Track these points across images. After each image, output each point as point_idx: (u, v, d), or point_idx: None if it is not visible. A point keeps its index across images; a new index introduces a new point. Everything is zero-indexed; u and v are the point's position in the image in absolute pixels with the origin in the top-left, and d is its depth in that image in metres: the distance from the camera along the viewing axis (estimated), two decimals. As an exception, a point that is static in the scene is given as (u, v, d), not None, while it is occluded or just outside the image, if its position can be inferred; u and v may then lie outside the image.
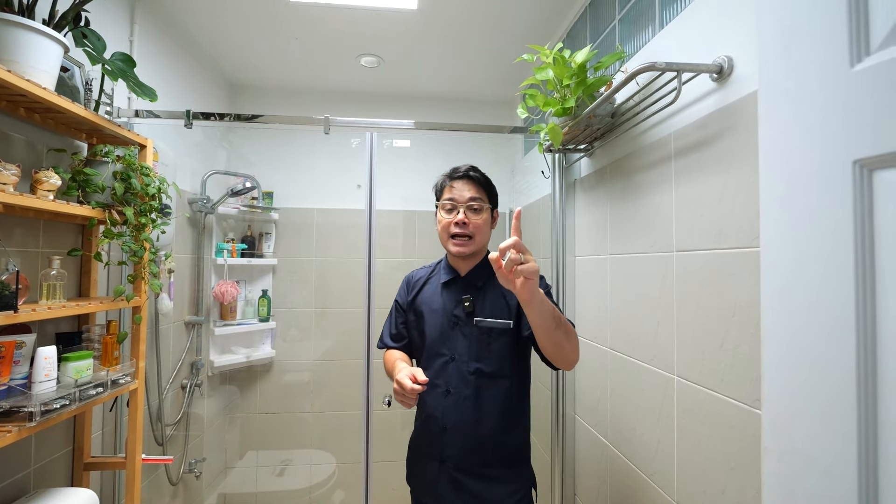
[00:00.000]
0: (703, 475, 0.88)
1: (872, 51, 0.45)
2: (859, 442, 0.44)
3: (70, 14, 1.02)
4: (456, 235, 1.04)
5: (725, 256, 0.83)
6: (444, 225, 1.05)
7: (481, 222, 1.05)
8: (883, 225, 0.44)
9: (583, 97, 1.14)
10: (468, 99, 2.56)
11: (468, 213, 1.04)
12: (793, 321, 0.50)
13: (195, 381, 1.96)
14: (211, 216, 2.08)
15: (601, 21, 1.45)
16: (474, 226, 1.04)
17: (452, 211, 1.05)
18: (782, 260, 0.52)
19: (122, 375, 1.15)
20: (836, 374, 0.46)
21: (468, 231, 1.03)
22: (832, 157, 0.47)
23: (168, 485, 1.78)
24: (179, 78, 1.88)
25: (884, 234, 0.44)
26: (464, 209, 1.03)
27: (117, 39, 1.46)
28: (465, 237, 1.03)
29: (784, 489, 0.51)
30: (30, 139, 1.09)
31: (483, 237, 1.07)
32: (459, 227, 1.03)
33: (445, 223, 1.05)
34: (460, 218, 1.03)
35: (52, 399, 0.94)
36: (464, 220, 1.02)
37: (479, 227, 1.04)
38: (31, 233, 1.09)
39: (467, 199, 1.04)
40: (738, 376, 0.79)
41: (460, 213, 1.03)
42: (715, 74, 0.86)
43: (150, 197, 1.19)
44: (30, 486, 1.10)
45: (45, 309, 0.95)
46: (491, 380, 1.01)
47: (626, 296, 1.21)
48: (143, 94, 1.18)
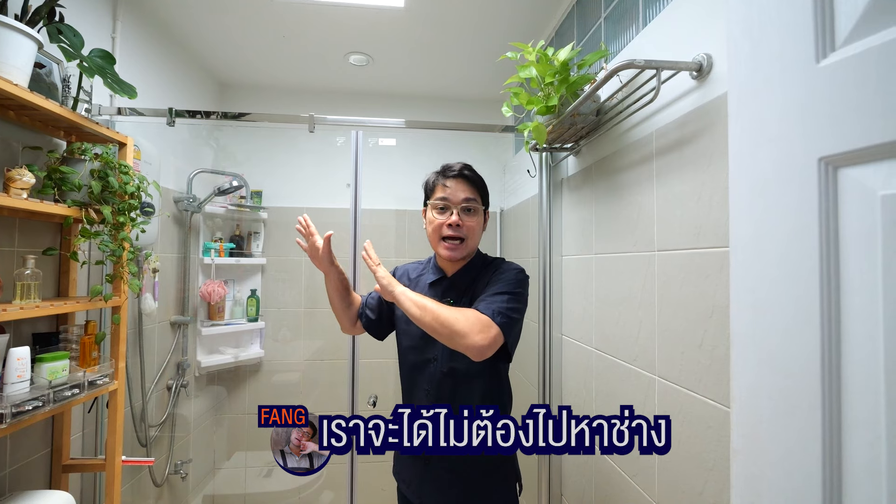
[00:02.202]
0: (682, 476, 0.87)
1: (838, 46, 0.45)
2: (824, 442, 0.44)
3: (44, 10, 1.01)
4: (448, 238, 1.00)
5: (703, 256, 0.82)
6: (435, 226, 1.01)
7: (474, 224, 1.02)
8: (847, 223, 0.44)
9: (566, 95, 1.13)
10: (458, 97, 2.55)
11: (462, 214, 1.00)
12: (759, 321, 0.50)
13: (181, 381, 1.94)
14: (198, 215, 2.06)
15: (588, 19, 1.44)
16: (468, 227, 1.00)
17: (445, 211, 1.00)
18: (749, 259, 0.51)
19: (100, 376, 1.14)
20: (801, 374, 0.46)
21: (461, 233, 1.00)
22: (798, 155, 0.47)
23: (152, 486, 1.76)
24: (166, 76, 1.86)
25: (848, 232, 0.44)
26: (457, 210, 0.99)
27: (99, 36, 1.45)
28: (458, 239, 1.00)
29: (751, 489, 0.50)
30: (4, 136, 1.07)
31: (475, 240, 1.04)
32: (452, 228, 0.99)
33: (437, 224, 1.01)
34: (454, 220, 0.99)
35: (24, 401, 0.93)
36: (457, 221, 0.99)
37: (472, 229, 1.01)
38: (5, 231, 1.07)
39: (461, 200, 1.00)
40: (716, 377, 0.79)
41: (454, 215, 0.99)
42: (695, 72, 0.85)
43: (129, 195, 1.18)
44: (5, 488, 1.08)
45: (17, 309, 0.93)
46: (465, 378, 1.00)
47: (610, 296, 1.20)
48: (122, 91, 1.16)
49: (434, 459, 1.02)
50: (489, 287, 0.96)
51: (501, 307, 0.89)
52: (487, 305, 0.90)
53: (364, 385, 1.55)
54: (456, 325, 0.84)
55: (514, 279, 0.97)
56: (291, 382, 2.34)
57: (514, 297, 0.93)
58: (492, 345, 0.84)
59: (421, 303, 0.89)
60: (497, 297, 0.92)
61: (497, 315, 0.87)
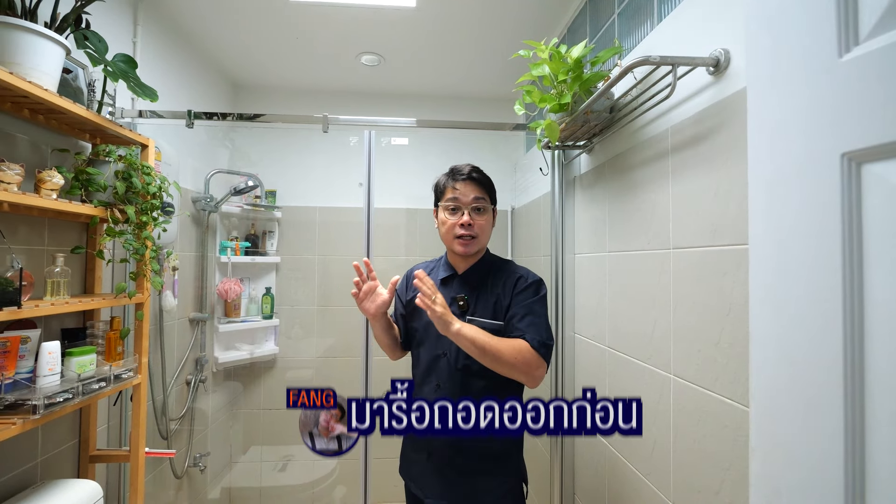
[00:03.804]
0: (698, 475, 0.87)
1: (861, 40, 0.44)
2: (846, 440, 0.43)
3: (71, 17, 1.04)
4: (461, 236, 1.06)
5: (720, 253, 0.81)
6: (448, 226, 1.07)
7: (485, 222, 1.08)
8: (872, 219, 0.43)
9: (579, 93, 1.13)
10: (469, 96, 2.55)
11: (473, 214, 1.06)
12: (779, 318, 0.49)
13: (199, 376, 1.99)
14: (214, 214, 2.10)
15: (601, 16, 1.43)
16: (478, 226, 1.06)
17: (456, 212, 1.07)
18: (768, 256, 0.51)
19: (124, 370, 1.18)
20: (822, 372, 0.45)
21: (473, 232, 1.06)
22: (820, 150, 0.46)
23: (173, 478, 1.81)
24: (183, 78, 1.90)
25: (873, 228, 0.43)
26: (468, 211, 1.05)
27: (120, 41, 1.49)
28: (470, 237, 1.06)
29: (770, 489, 0.50)
30: (34, 139, 1.11)
31: (486, 237, 1.10)
32: (464, 228, 1.05)
33: (450, 224, 1.07)
34: (465, 220, 1.05)
35: (55, 392, 0.97)
36: (469, 221, 1.05)
37: (482, 228, 1.07)
38: (36, 231, 1.11)
39: (471, 201, 1.06)
40: (733, 375, 0.78)
41: (465, 215, 1.05)
42: (711, 68, 0.84)
43: (151, 196, 1.21)
44: (37, 476, 1.12)
45: (48, 305, 0.97)
46: (477, 376, 1.03)
47: (624, 294, 1.20)
48: (144, 94, 1.20)
49: (436, 455, 1.05)
50: (522, 303, 1.03)
51: (543, 336, 0.99)
52: (534, 335, 0.98)
53: (377, 382, 1.57)
54: (515, 370, 0.94)
55: (543, 297, 1.06)
56: (305, 379, 2.38)
57: (546, 317, 1.04)
58: (541, 378, 0.97)
59: (480, 344, 0.92)
60: (540, 321, 1.01)
61: (542, 348, 0.97)
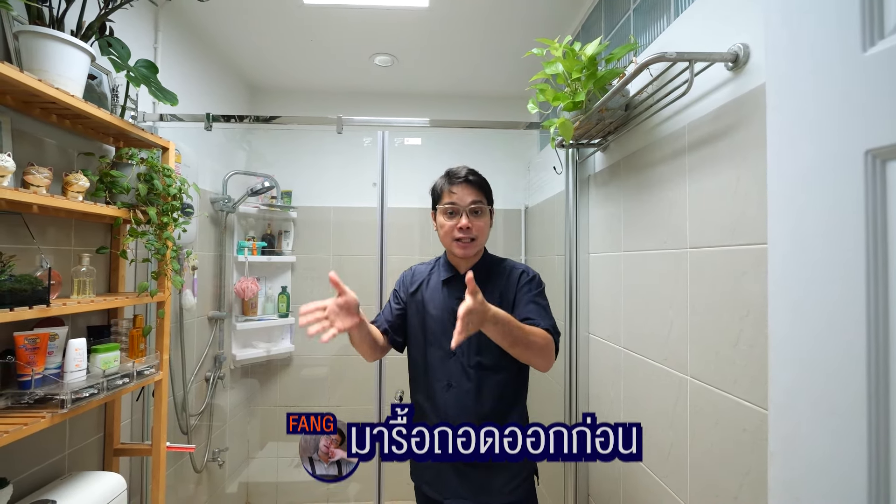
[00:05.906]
0: (716, 480, 0.85)
1: (887, 33, 0.43)
2: (869, 446, 0.42)
3: (96, 24, 1.08)
4: (460, 239, 1.07)
5: (739, 253, 0.80)
6: (446, 229, 1.08)
7: (482, 224, 1.08)
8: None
9: (594, 90, 1.12)
10: (482, 95, 2.54)
11: (470, 216, 1.06)
12: (799, 320, 0.48)
13: (218, 373, 2.04)
14: (232, 215, 2.15)
15: (616, 12, 1.41)
16: (477, 228, 1.07)
17: (454, 215, 1.07)
18: (789, 255, 0.50)
19: (147, 367, 1.21)
20: (844, 375, 0.44)
21: (472, 234, 1.06)
22: (842, 148, 0.45)
23: (193, 472, 1.87)
24: (202, 82, 1.95)
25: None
26: (466, 213, 1.06)
27: (142, 46, 1.53)
28: (469, 240, 1.07)
29: (790, 494, 0.49)
30: (61, 143, 1.16)
31: (484, 238, 1.11)
32: (463, 231, 1.06)
33: (448, 227, 1.07)
34: (464, 223, 1.05)
35: (81, 388, 1.00)
36: (467, 224, 1.05)
37: (481, 229, 1.08)
38: (63, 232, 1.16)
39: (469, 204, 1.06)
40: (753, 378, 0.76)
41: (463, 218, 1.05)
42: (730, 63, 0.82)
43: (172, 197, 1.25)
44: (64, 468, 1.17)
45: (75, 303, 1.01)
46: (491, 372, 1.04)
47: (639, 294, 1.18)
48: (165, 98, 1.23)
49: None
50: (528, 295, 1.06)
51: (553, 323, 1.02)
52: (547, 323, 1.00)
53: (390, 380, 1.59)
54: (540, 354, 0.94)
55: (544, 290, 1.09)
56: (319, 377, 2.41)
57: (547, 303, 1.07)
58: (553, 363, 0.99)
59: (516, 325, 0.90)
60: (547, 311, 1.04)
61: (555, 334, 0.99)
